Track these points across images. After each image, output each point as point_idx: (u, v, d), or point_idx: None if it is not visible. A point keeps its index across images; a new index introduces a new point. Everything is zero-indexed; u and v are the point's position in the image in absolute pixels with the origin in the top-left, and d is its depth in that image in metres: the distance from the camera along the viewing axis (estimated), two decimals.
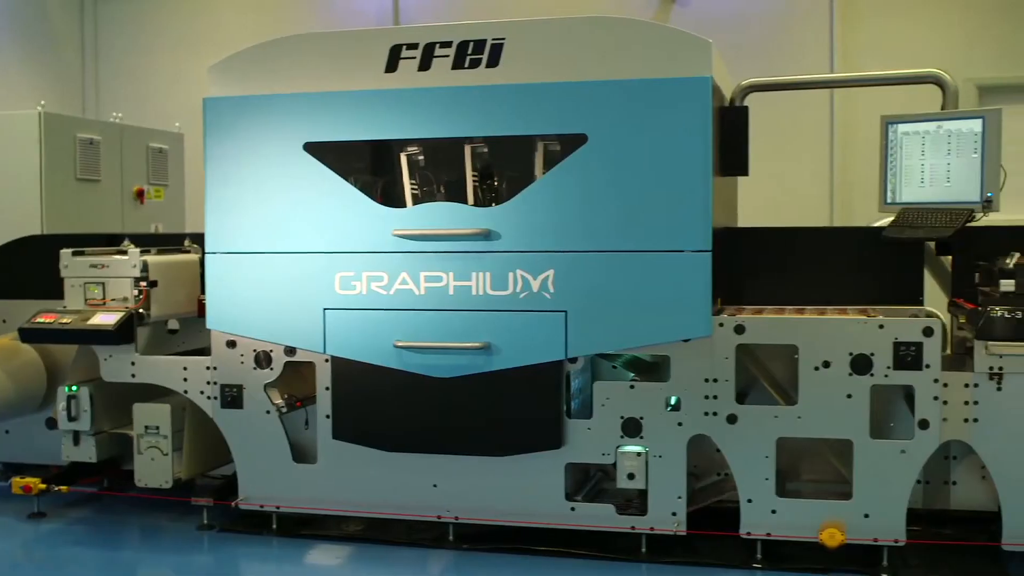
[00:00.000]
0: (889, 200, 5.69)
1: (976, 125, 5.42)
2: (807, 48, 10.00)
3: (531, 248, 5.37)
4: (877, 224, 5.77)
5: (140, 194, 8.93)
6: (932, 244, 5.64)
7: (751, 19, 10.15)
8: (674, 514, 5.38)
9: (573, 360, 5.45)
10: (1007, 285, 5.03)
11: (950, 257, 5.63)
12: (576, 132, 5.33)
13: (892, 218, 5.61)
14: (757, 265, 5.94)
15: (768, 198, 9.47)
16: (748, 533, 5.31)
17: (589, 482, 5.82)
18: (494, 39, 5.44)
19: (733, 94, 6.00)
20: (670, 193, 5.22)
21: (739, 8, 10.20)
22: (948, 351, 5.66)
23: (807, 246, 5.94)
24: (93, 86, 12.07)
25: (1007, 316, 4.96)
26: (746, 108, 5.90)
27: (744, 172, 5.85)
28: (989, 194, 5.39)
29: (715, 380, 5.28)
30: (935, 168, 5.54)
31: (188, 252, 6.47)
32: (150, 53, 11.89)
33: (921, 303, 5.67)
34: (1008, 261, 5.13)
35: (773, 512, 5.28)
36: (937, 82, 5.87)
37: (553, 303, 5.35)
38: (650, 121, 5.22)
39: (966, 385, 5.10)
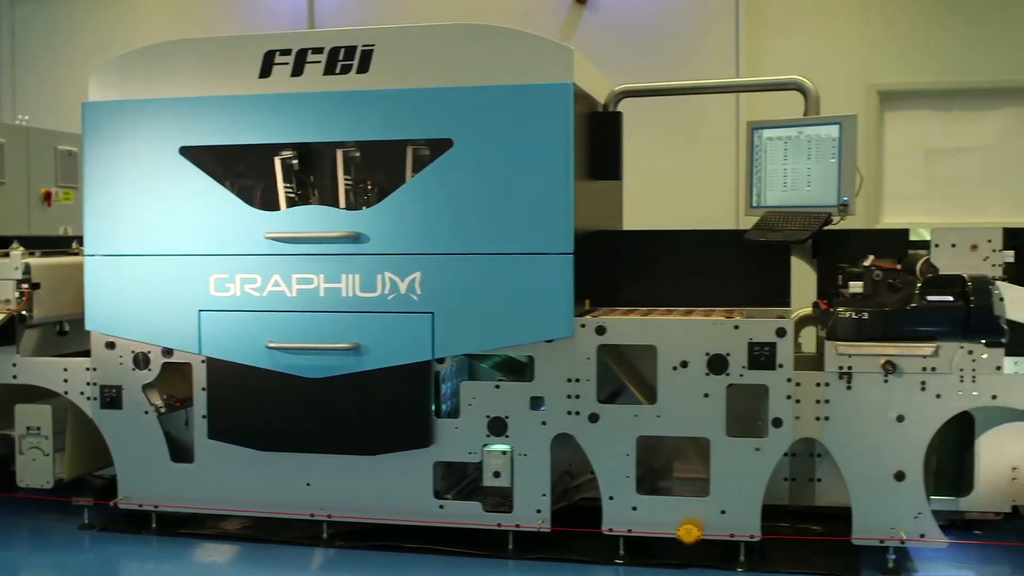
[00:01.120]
0: (755, 203, 5.83)
1: (833, 131, 5.56)
2: (714, 53, 10.15)
3: (399, 251, 5.47)
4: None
5: (48, 197, 8.95)
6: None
7: (660, 24, 10.29)
8: (539, 511, 5.48)
9: (441, 361, 5.54)
10: (855, 287, 5.18)
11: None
12: (442, 137, 5.43)
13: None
14: (632, 267, 6.07)
15: (680, 199, 9.66)
16: (610, 529, 5.42)
17: (466, 479, 5.92)
18: (364, 46, 5.54)
19: (607, 100, 6.11)
20: (533, 197, 5.34)
21: (648, 13, 10.33)
22: (816, 351, 5.81)
23: (681, 248, 6.07)
24: (10, 89, 12.06)
25: (853, 317, 5.10)
26: (618, 113, 6.03)
27: (616, 176, 5.98)
28: (845, 198, 5.53)
29: (577, 380, 5.39)
30: (796, 172, 5.68)
31: (76, 254, 6.51)
32: (68, 55, 11.89)
33: (788, 304, 5.82)
34: (863, 264, 5.27)
35: (634, 509, 5.40)
36: (799, 88, 6.01)
37: (420, 304, 5.46)
38: (513, 126, 5.34)
39: (817, 384, 5.23)
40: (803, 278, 5.93)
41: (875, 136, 10.16)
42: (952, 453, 5.74)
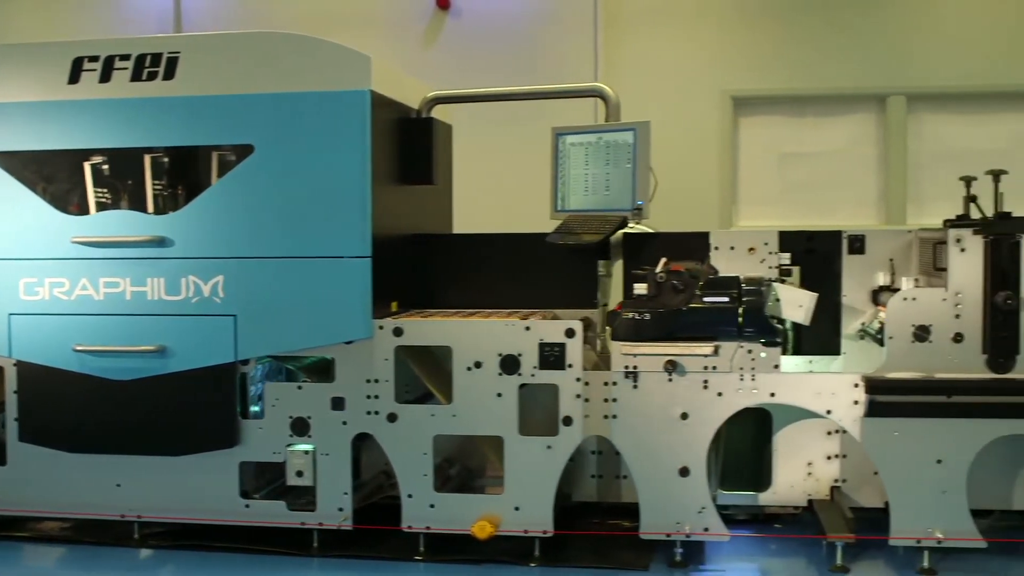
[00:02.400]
0: (559, 207, 5.98)
1: (629, 137, 5.72)
2: (574, 58, 10.31)
3: (202, 254, 5.56)
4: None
5: None
6: None
7: (521, 29, 10.44)
8: (341, 509, 5.59)
9: (246, 362, 5.63)
10: (640, 289, 5.33)
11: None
12: (243, 143, 5.53)
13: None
14: (451, 270, 6.20)
15: (530, 203, 9.77)
16: (410, 527, 5.54)
17: (282, 478, 6.00)
18: (170, 53, 5.62)
19: (420, 106, 6.24)
20: (331, 201, 5.45)
21: (509, 18, 10.47)
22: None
23: (501, 251, 6.22)
24: None
25: (636, 318, 5.25)
26: (430, 119, 6.16)
27: (429, 181, 6.11)
28: (639, 202, 5.69)
29: (376, 381, 5.51)
30: (596, 177, 5.84)
31: None
32: None
33: (595, 306, 5.97)
34: (657, 267, 5.43)
35: (432, 507, 5.51)
36: (599, 95, 6.16)
37: (223, 307, 5.55)
38: (312, 132, 5.45)
39: (605, 383, 5.38)
40: None
41: (729, 141, 10.39)
42: (751, 449, 5.92)
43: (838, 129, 10.53)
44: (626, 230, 5.88)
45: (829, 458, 5.88)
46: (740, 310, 5.20)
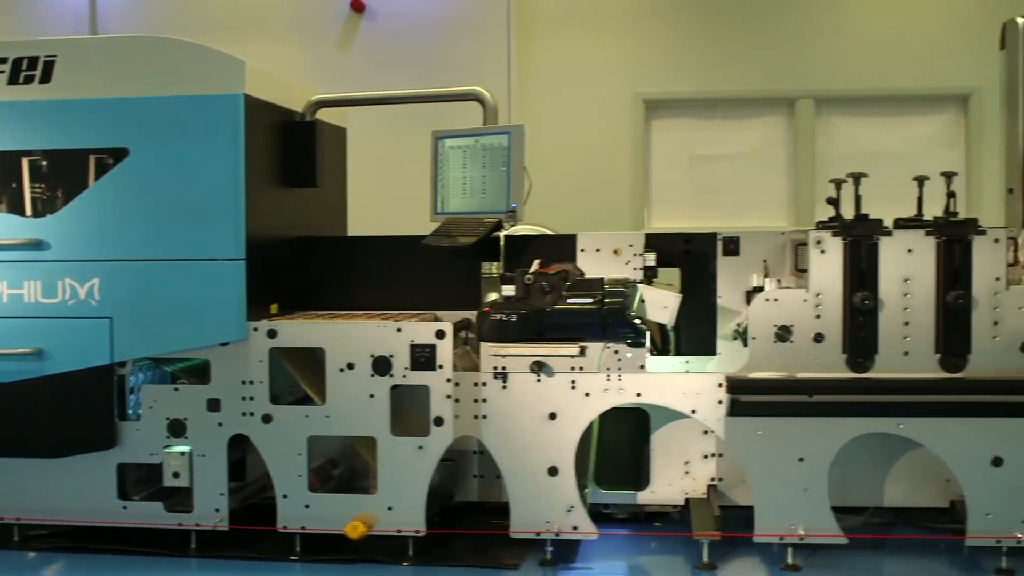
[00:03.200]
0: (439, 210, 6.05)
1: (504, 140, 5.79)
2: (489, 60, 10.39)
3: (78, 257, 5.59)
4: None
5: None
6: None
7: (435, 32, 10.51)
8: (217, 510, 5.62)
9: (123, 364, 5.66)
10: (508, 290, 5.40)
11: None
12: (118, 146, 5.56)
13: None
14: (337, 273, 6.26)
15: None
16: (285, 527, 5.58)
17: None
18: (46, 56, 5.65)
19: (304, 109, 6.28)
20: (205, 205, 5.50)
21: (423, 21, 10.54)
22: None
23: (386, 253, 6.28)
24: None
25: (503, 319, 5.32)
26: (313, 122, 6.20)
27: (313, 184, 6.16)
28: (514, 204, 5.76)
29: (251, 382, 5.55)
30: (473, 180, 5.91)
31: None
32: None
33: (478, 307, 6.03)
34: (531, 268, 5.50)
35: (307, 507, 5.56)
36: (477, 99, 6.22)
37: (99, 310, 5.58)
38: (186, 136, 5.50)
39: (475, 384, 5.44)
40: None
41: (641, 143, 10.49)
42: (629, 449, 6.00)
43: (748, 132, 10.66)
44: (512, 232, 5.95)
45: (706, 457, 5.96)
46: (603, 311, 5.26)
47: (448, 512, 6.06)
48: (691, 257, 6.05)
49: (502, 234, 5.86)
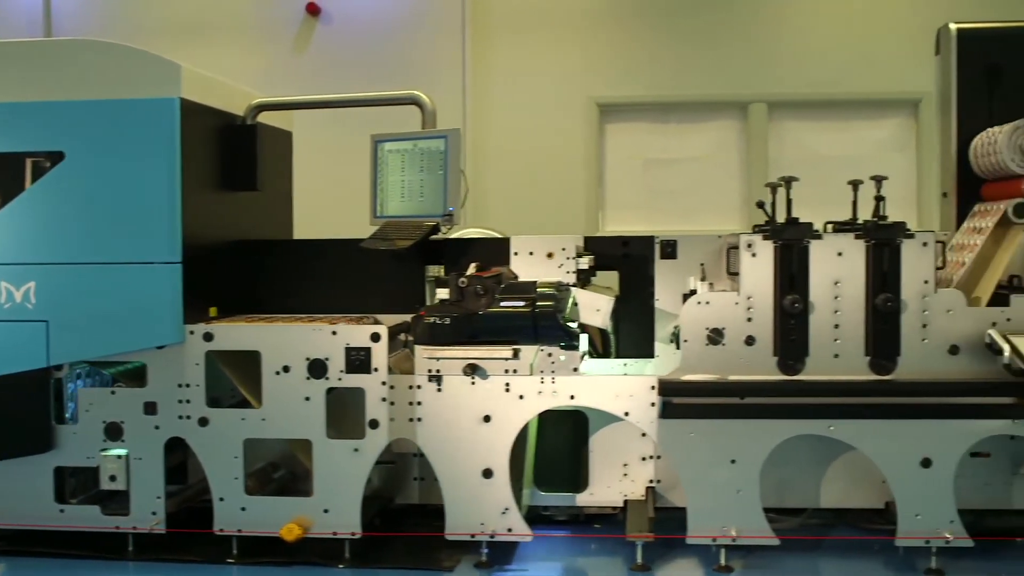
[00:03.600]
0: (378, 213, 6.08)
1: (441, 144, 5.81)
2: (444, 63, 10.43)
3: (14, 260, 5.59)
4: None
5: None
6: None
7: (391, 35, 10.54)
8: (154, 513, 5.63)
9: (60, 367, 5.66)
10: (442, 293, 5.43)
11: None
12: (55, 150, 5.56)
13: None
14: (282, 276, 6.28)
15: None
16: (221, 530, 5.59)
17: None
18: None
19: (245, 113, 6.29)
20: (141, 208, 5.52)
21: (379, 24, 10.58)
22: None
23: (330, 256, 6.31)
24: None
25: (436, 322, 5.34)
26: (254, 126, 6.21)
27: (253, 188, 6.17)
28: (451, 208, 5.79)
29: (188, 385, 5.56)
30: (411, 183, 5.94)
31: None
32: None
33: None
34: (467, 271, 5.53)
35: (243, 510, 5.57)
36: (415, 102, 6.25)
37: (35, 313, 5.58)
38: (122, 139, 5.51)
39: (410, 387, 5.46)
40: None
41: (596, 147, 10.55)
42: (569, 451, 6.02)
43: (702, 135, 10.73)
44: (461, 235, 5.99)
45: (644, 459, 5.99)
46: (535, 314, 5.29)
47: (389, 515, 6.07)
48: (629, 260, 6.10)
49: (442, 237, 5.88)
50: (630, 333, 6.10)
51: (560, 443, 6.01)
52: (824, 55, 10.49)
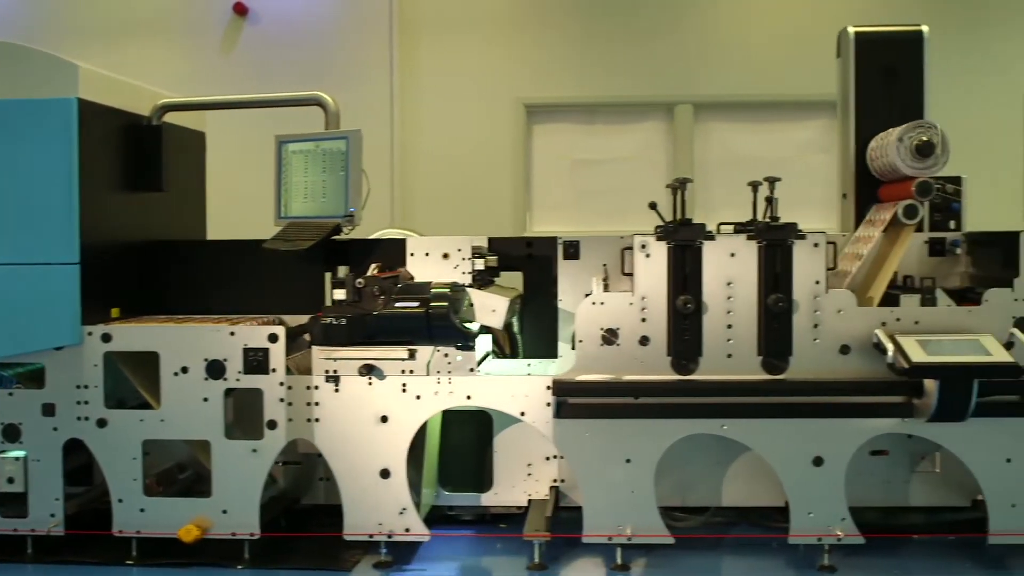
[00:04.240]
0: (282, 214, 6.08)
1: (342, 144, 5.83)
2: (373, 64, 10.44)
3: None
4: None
5: None
6: None
7: (319, 35, 10.54)
8: (53, 515, 5.61)
9: None
10: (339, 294, 5.44)
11: None
12: None
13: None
14: (187, 277, 6.27)
15: None
16: (120, 531, 5.58)
17: None
18: None
19: (151, 113, 6.28)
20: (38, 208, 5.50)
21: (307, 25, 10.58)
22: None
23: (234, 257, 6.30)
24: None
25: (333, 323, 5.35)
26: (159, 127, 6.21)
27: (159, 188, 6.16)
28: (352, 209, 5.81)
29: (86, 386, 5.55)
30: (314, 184, 5.96)
31: None
32: None
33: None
34: (369, 272, 5.55)
35: (142, 511, 5.56)
36: (319, 103, 6.26)
37: None
38: (18, 140, 5.49)
39: (308, 387, 5.48)
40: None
41: (523, 148, 10.59)
42: (473, 451, 6.05)
43: (628, 136, 10.79)
44: (380, 236, 6.00)
45: (548, 459, 6.03)
46: (428, 315, 5.31)
47: (295, 515, 6.08)
48: (533, 261, 6.14)
49: (345, 237, 5.90)
50: (534, 333, 6.14)
51: (464, 443, 6.05)
52: (749, 57, 10.58)
